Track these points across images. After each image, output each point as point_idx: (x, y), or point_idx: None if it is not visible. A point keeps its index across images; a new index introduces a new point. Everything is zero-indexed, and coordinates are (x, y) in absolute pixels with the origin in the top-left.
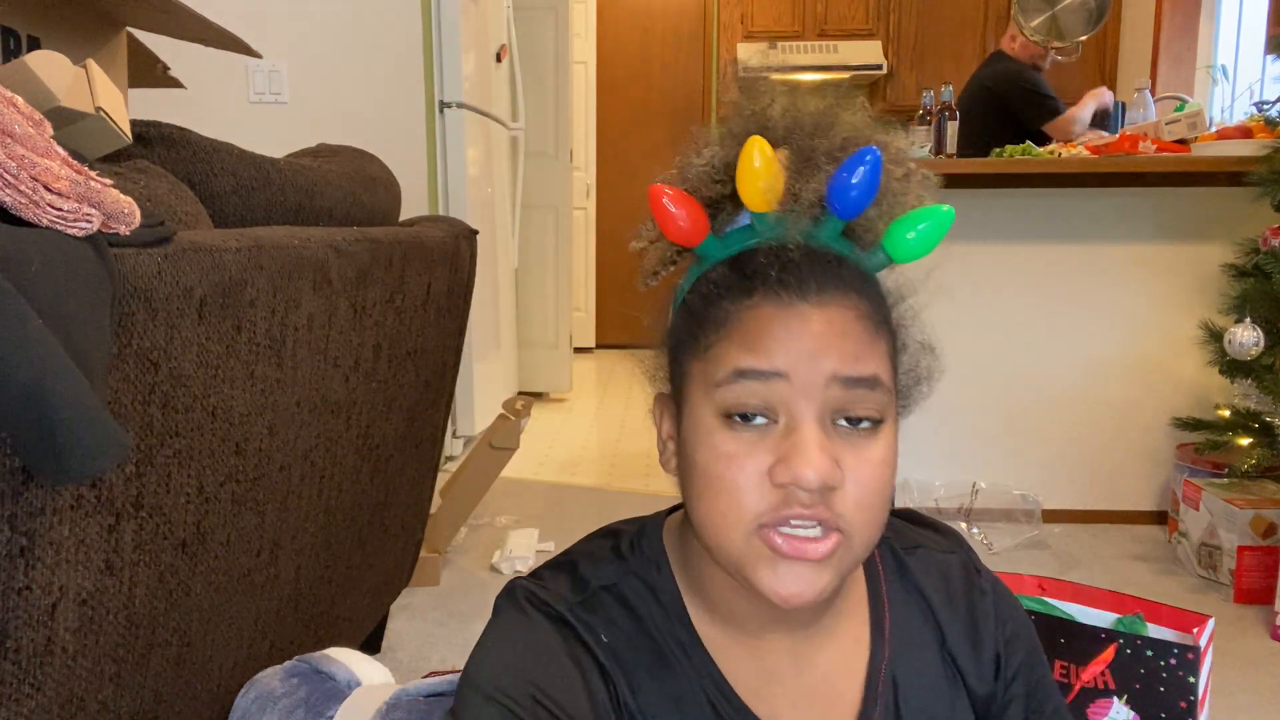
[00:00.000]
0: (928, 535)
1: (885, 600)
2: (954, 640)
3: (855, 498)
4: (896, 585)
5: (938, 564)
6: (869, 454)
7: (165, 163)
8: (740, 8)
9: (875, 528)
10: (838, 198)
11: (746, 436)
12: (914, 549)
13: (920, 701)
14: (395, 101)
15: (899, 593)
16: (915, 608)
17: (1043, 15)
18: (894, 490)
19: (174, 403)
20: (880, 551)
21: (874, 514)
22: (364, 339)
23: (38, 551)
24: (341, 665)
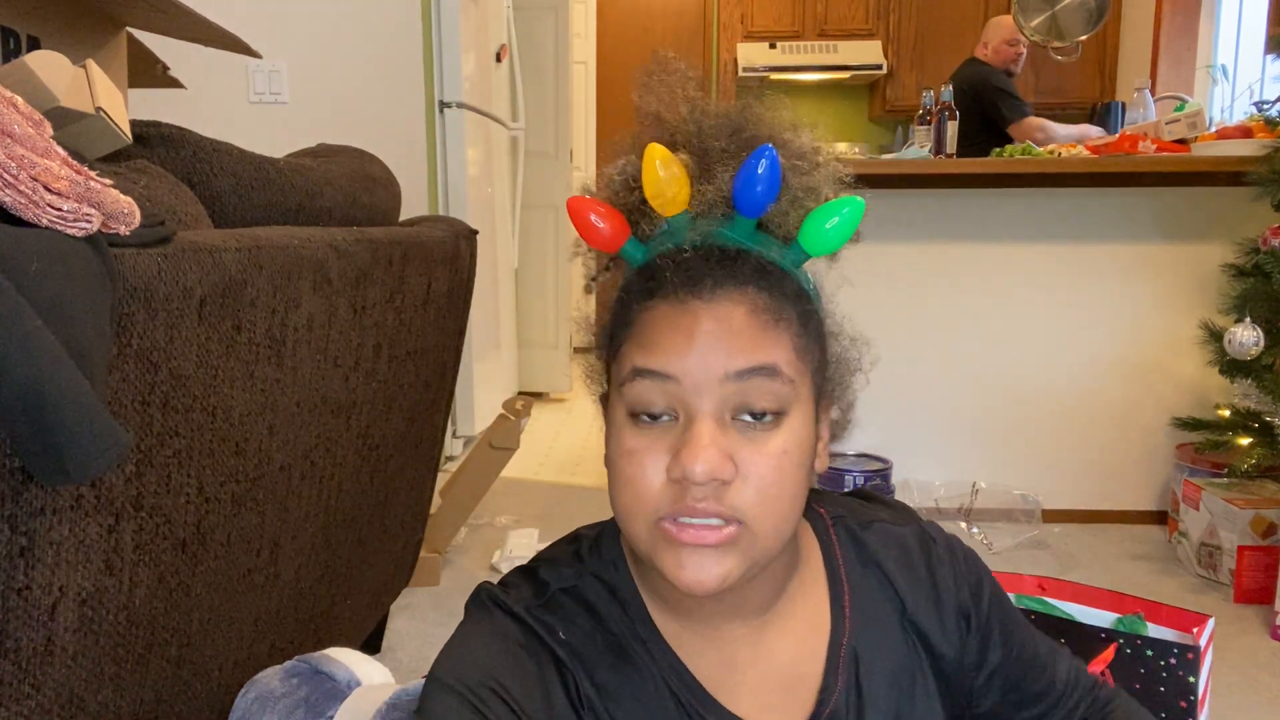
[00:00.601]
0: (881, 510)
1: (844, 578)
2: (915, 607)
3: (754, 489)
4: (854, 561)
5: (894, 536)
6: (767, 447)
7: (165, 163)
8: (740, 8)
9: (780, 518)
10: (739, 196)
11: (650, 433)
12: (869, 525)
13: (882, 672)
14: (395, 101)
15: (856, 568)
16: (874, 580)
17: (1043, 15)
18: (807, 484)
19: (174, 403)
20: (836, 531)
21: (776, 504)
22: (364, 339)
23: (37, 551)
24: (341, 665)
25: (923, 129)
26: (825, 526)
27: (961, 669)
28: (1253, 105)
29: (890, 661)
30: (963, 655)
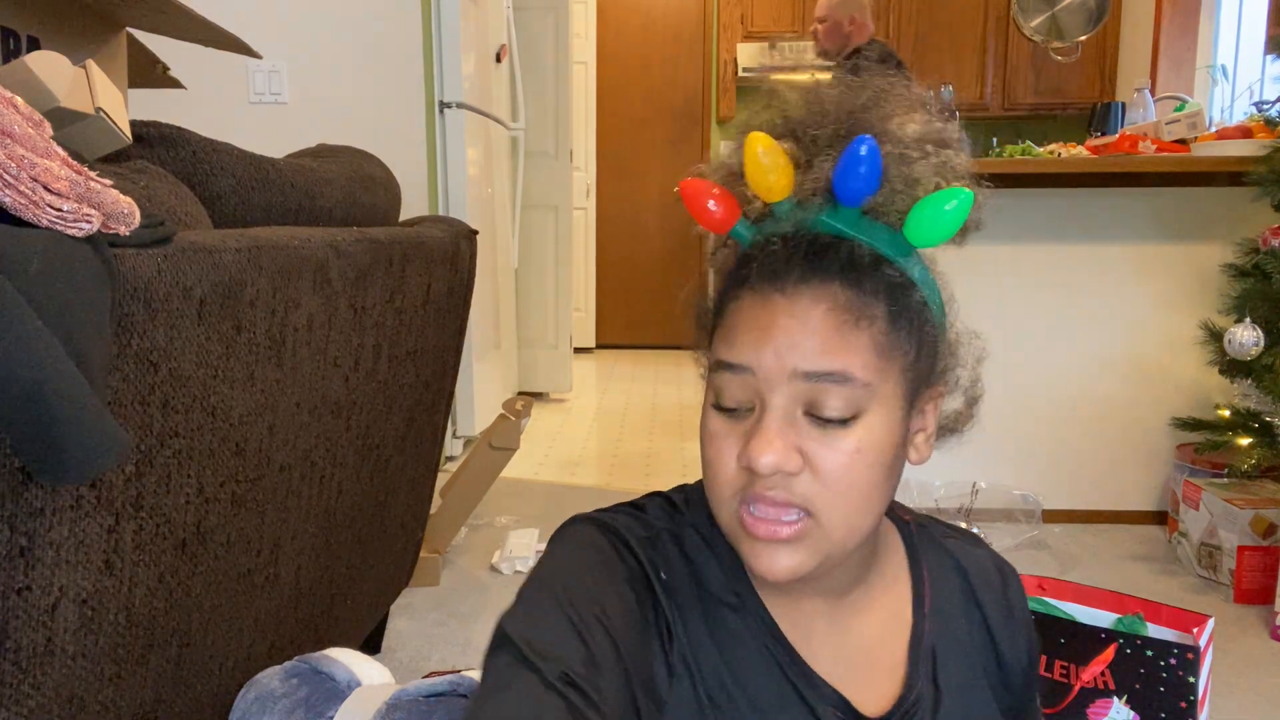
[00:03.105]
0: (955, 529)
1: (926, 580)
2: (996, 624)
3: (822, 484)
4: (937, 567)
5: (976, 555)
6: (838, 444)
7: (165, 163)
8: (740, 8)
9: (852, 513)
10: (838, 185)
11: (729, 420)
12: (948, 536)
13: (957, 675)
14: (395, 101)
15: (939, 570)
16: (956, 589)
17: (1043, 15)
18: (888, 481)
19: (174, 403)
20: (920, 536)
21: (845, 500)
22: (364, 339)
23: (37, 552)
24: (341, 665)
25: None
26: (910, 530)
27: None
28: (1253, 105)
29: (964, 667)
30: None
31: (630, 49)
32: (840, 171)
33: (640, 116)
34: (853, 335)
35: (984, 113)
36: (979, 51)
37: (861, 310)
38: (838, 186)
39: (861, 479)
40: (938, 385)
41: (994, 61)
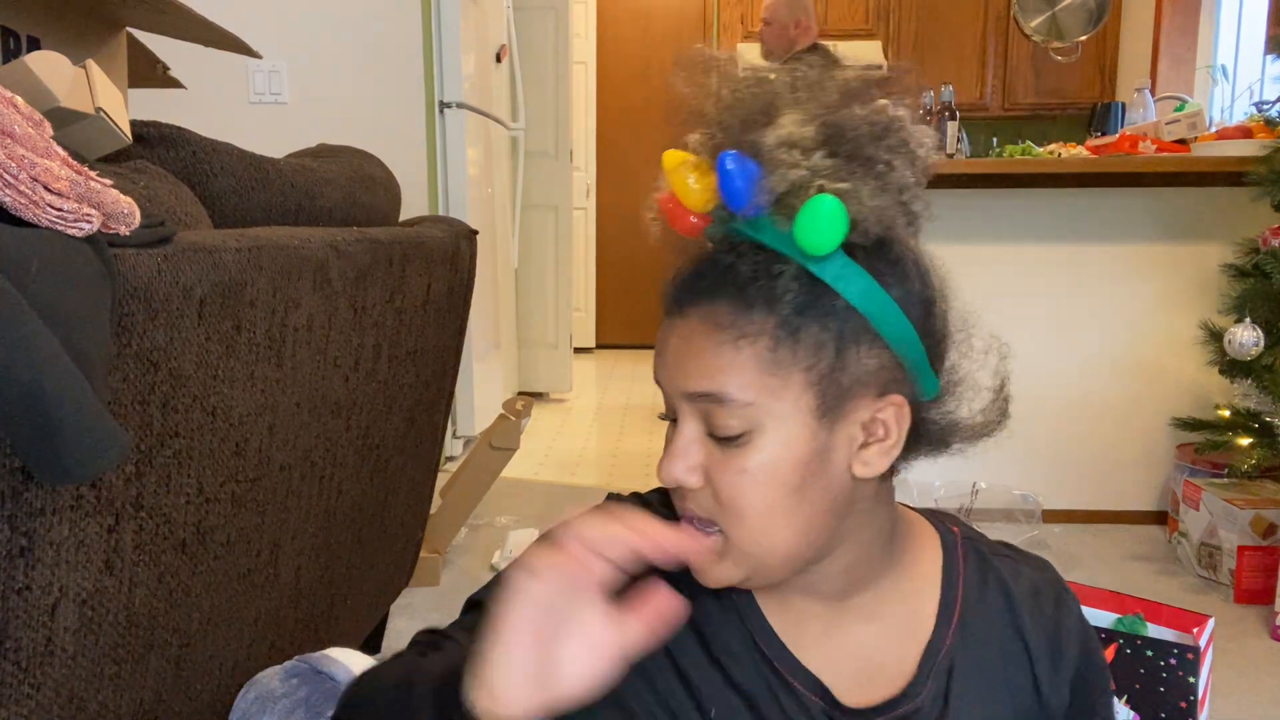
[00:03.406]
0: (1015, 550)
1: (959, 593)
2: (1036, 645)
3: (723, 501)
4: (975, 582)
5: (1027, 573)
6: (736, 463)
7: (165, 163)
8: (740, 8)
9: (759, 533)
10: (724, 198)
11: (670, 430)
12: (1000, 554)
13: (978, 691)
14: (395, 101)
15: (976, 588)
16: (994, 606)
17: (1043, 15)
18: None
19: (174, 403)
20: (965, 548)
21: (747, 520)
22: (364, 339)
23: (37, 552)
24: (341, 665)
25: None
26: (954, 542)
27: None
28: (1253, 105)
29: (988, 690)
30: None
31: (630, 49)
32: (720, 185)
33: (640, 117)
34: (731, 354)
35: (984, 113)
36: (979, 51)
37: (743, 327)
38: (724, 199)
39: (758, 499)
40: (892, 393)
41: (994, 61)
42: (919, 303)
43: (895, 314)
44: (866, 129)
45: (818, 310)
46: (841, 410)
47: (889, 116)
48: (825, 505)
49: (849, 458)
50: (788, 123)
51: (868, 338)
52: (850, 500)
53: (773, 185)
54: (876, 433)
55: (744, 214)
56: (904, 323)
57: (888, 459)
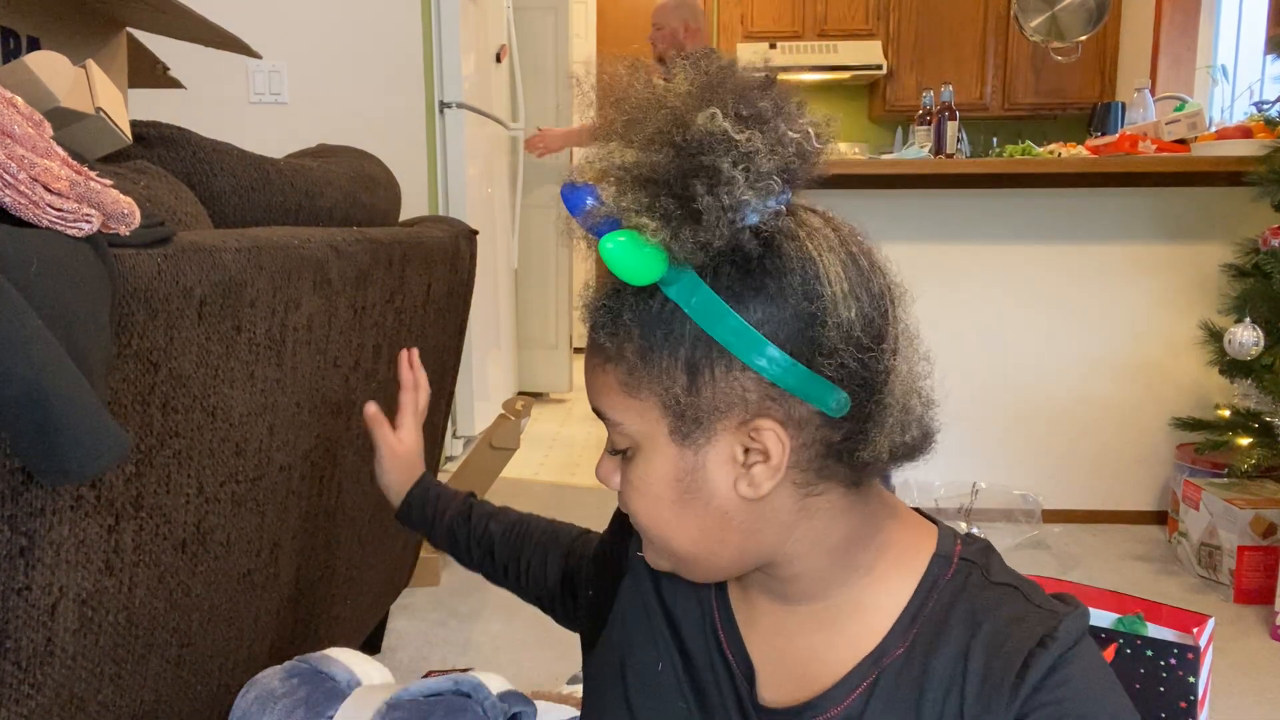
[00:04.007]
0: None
1: (924, 610)
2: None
3: (626, 505)
4: (945, 607)
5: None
6: (624, 475)
7: (165, 163)
8: (740, 8)
9: (657, 538)
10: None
11: None
12: (1000, 586)
13: (895, 714)
14: (395, 101)
15: (941, 614)
16: (955, 637)
17: (1043, 15)
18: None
19: (174, 403)
20: (956, 574)
21: (641, 523)
22: (364, 339)
23: (37, 552)
24: (341, 665)
25: (922, 129)
26: (947, 562)
27: None
28: (1253, 105)
29: (909, 711)
30: None
31: (630, 49)
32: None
33: None
34: (601, 377)
35: (984, 113)
36: (979, 51)
37: (606, 352)
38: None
39: (643, 510)
40: (764, 416)
41: (994, 61)
42: (796, 318)
43: (750, 336)
44: (672, 156)
45: (666, 335)
46: (704, 433)
47: (701, 136)
48: (716, 520)
49: (732, 477)
50: (612, 150)
51: (724, 361)
52: (758, 517)
53: (586, 218)
54: (759, 454)
55: (597, 234)
56: (763, 344)
57: (772, 480)
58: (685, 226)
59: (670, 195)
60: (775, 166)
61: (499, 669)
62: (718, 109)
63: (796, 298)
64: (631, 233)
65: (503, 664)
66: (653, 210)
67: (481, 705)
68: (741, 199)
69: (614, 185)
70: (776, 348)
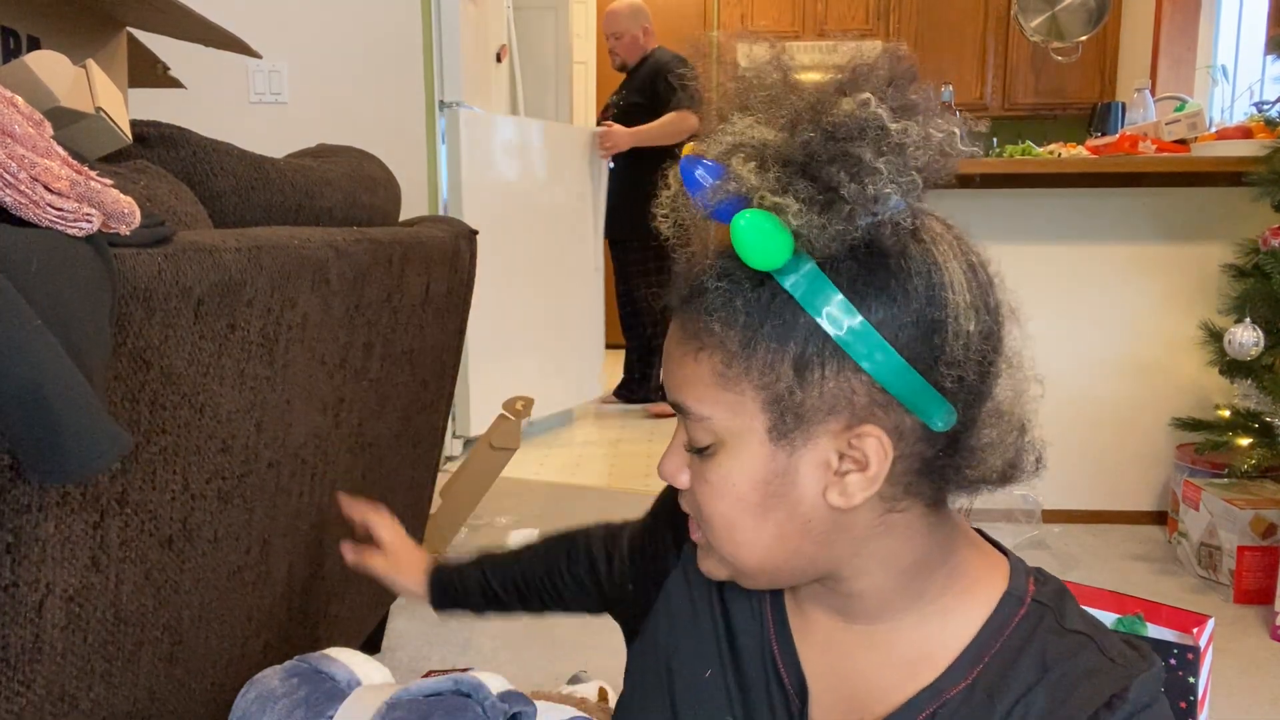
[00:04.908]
0: (1120, 647)
1: (992, 650)
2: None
3: (694, 506)
4: (1015, 650)
5: (1085, 664)
6: (702, 473)
7: (165, 163)
8: (740, 8)
9: (725, 542)
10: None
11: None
12: (1071, 634)
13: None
14: (395, 101)
15: (1009, 657)
16: (1021, 682)
17: (1043, 15)
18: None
19: (162, 400)
20: (1028, 614)
21: (714, 528)
22: (354, 337)
23: (23, 548)
24: (342, 665)
25: None
26: (1020, 600)
27: None
28: (1253, 105)
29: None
30: None
31: None
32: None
33: None
34: (691, 367)
35: (984, 113)
36: (979, 51)
37: (704, 340)
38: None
39: (719, 512)
40: (868, 422)
41: (994, 61)
42: (917, 325)
43: (870, 337)
44: (818, 139)
45: (777, 326)
46: (804, 434)
47: (852, 121)
48: (796, 528)
49: (823, 484)
50: (743, 127)
51: (836, 360)
52: (837, 527)
53: (711, 194)
54: (855, 462)
55: (709, 219)
56: (883, 346)
57: (866, 491)
58: (825, 213)
59: (808, 178)
60: (922, 162)
61: (499, 669)
62: (871, 95)
63: (920, 303)
64: (767, 213)
65: (503, 664)
66: (797, 193)
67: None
68: (884, 191)
69: (748, 163)
70: (895, 351)
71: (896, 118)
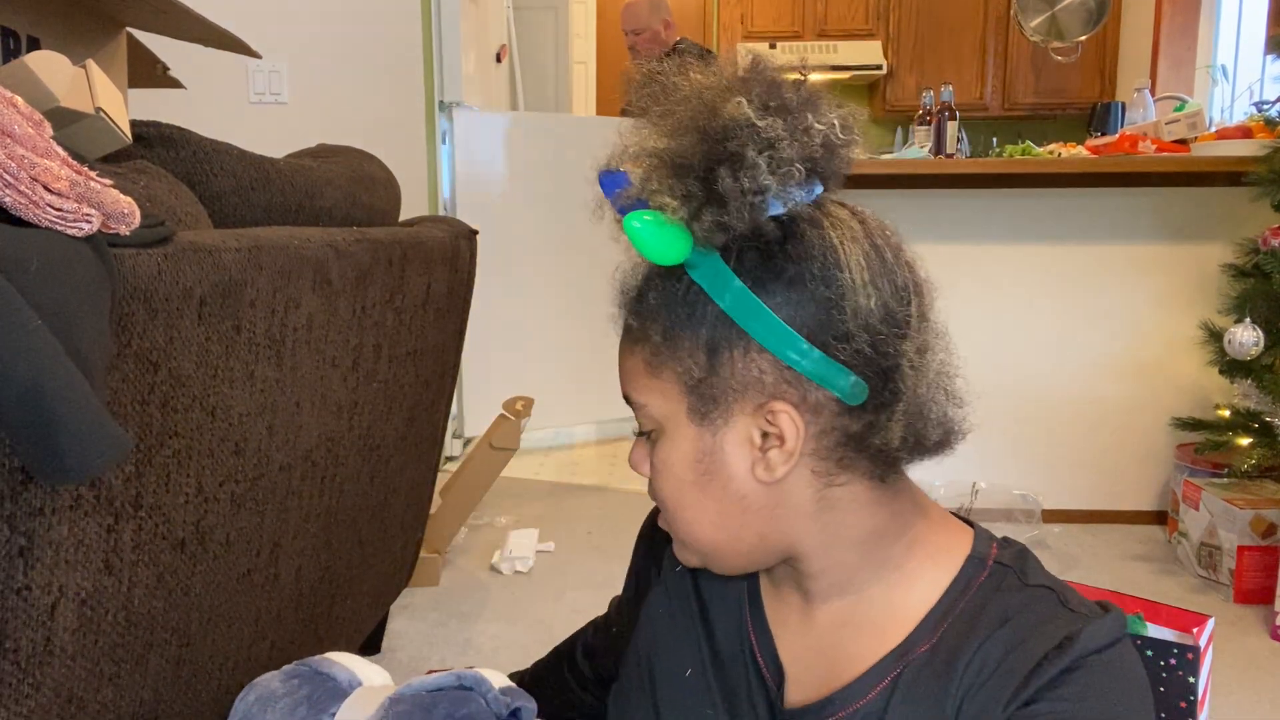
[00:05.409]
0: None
1: (956, 609)
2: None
3: (654, 492)
4: (977, 608)
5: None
6: (652, 459)
7: (165, 163)
8: (740, 8)
9: (680, 524)
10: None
11: None
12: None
13: (915, 709)
14: (395, 101)
15: (972, 614)
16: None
17: (1042, 15)
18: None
19: (173, 403)
20: (991, 574)
21: (667, 510)
22: (364, 339)
23: (37, 551)
24: (342, 667)
25: (923, 129)
26: (980, 566)
27: None
28: (1253, 105)
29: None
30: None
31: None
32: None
33: None
34: (629, 360)
35: (984, 113)
36: (979, 51)
37: (635, 334)
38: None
39: (666, 494)
40: (779, 399)
41: (994, 61)
42: (814, 303)
43: (767, 318)
44: (698, 141)
45: (690, 316)
46: (723, 414)
47: (727, 122)
48: (734, 504)
49: (749, 460)
50: (642, 137)
51: (743, 343)
52: (776, 503)
53: (617, 200)
54: (776, 439)
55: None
56: (779, 326)
57: (786, 465)
58: (706, 208)
59: (695, 178)
60: (798, 154)
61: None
62: (744, 98)
63: (815, 283)
64: (655, 212)
65: (503, 664)
66: (675, 191)
67: (484, 698)
68: (763, 184)
69: (643, 169)
70: (791, 330)
71: (764, 115)
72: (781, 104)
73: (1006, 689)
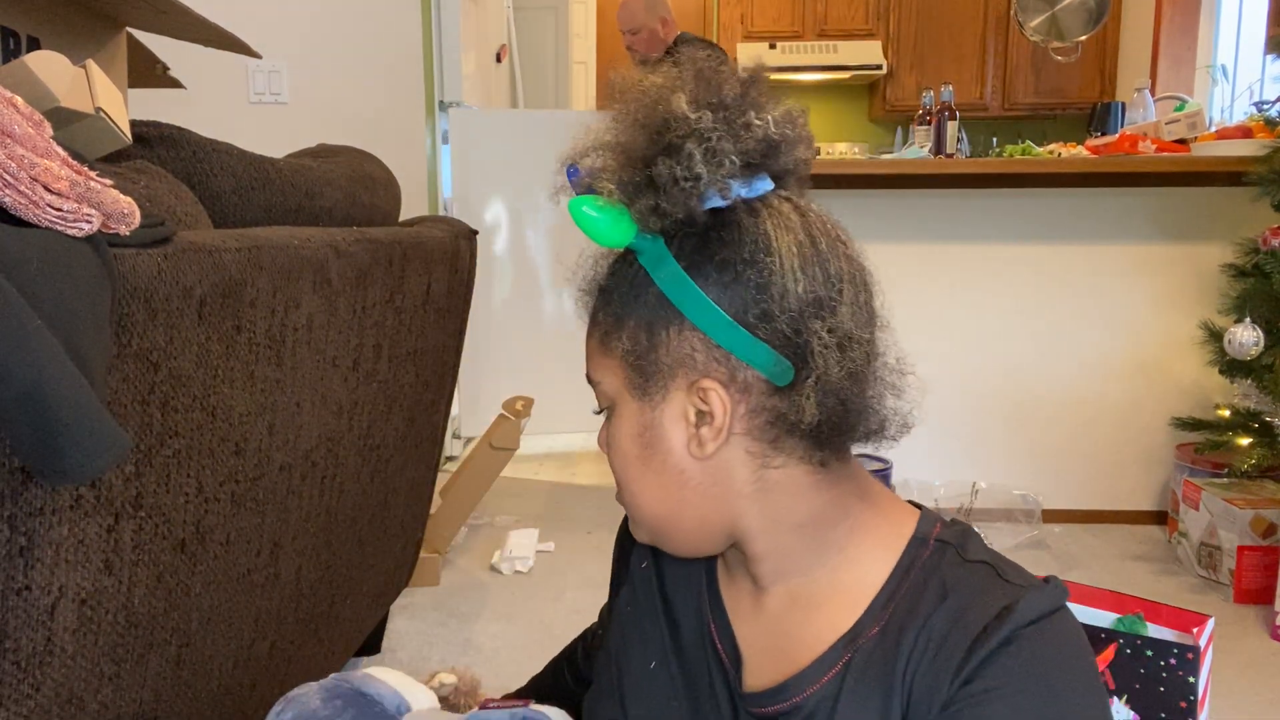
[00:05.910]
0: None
1: (894, 596)
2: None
3: (612, 469)
4: (920, 586)
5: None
6: (606, 435)
7: (165, 163)
8: (740, 8)
9: (626, 495)
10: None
11: None
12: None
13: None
14: (395, 101)
15: (918, 586)
16: (926, 607)
17: (1042, 15)
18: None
19: (173, 403)
20: (932, 554)
21: (618, 482)
22: (364, 339)
23: (37, 551)
24: (387, 687)
25: (922, 129)
26: (923, 546)
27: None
28: (1253, 105)
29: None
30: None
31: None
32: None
33: None
34: (589, 340)
35: (984, 113)
36: (979, 51)
37: (594, 315)
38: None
39: (616, 467)
40: (708, 376)
41: (994, 61)
42: (743, 285)
43: (697, 297)
44: (640, 134)
45: (635, 296)
46: (660, 390)
47: (665, 116)
48: (673, 479)
49: (685, 436)
50: (597, 132)
51: (678, 321)
52: (713, 482)
53: (574, 189)
54: (709, 416)
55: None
56: (709, 305)
57: (716, 441)
58: (644, 194)
59: (638, 168)
60: (732, 147)
61: (499, 669)
62: (683, 94)
63: (744, 266)
64: (595, 197)
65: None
66: (617, 179)
67: None
68: (696, 172)
69: (588, 160)
70: (717, 308)
71: (697, 109)
72: (719, 100)
73: (952, 661)
